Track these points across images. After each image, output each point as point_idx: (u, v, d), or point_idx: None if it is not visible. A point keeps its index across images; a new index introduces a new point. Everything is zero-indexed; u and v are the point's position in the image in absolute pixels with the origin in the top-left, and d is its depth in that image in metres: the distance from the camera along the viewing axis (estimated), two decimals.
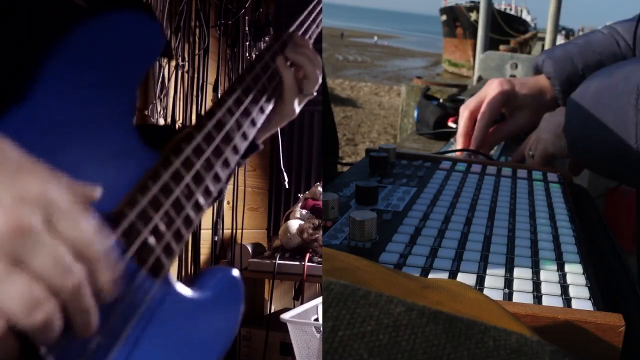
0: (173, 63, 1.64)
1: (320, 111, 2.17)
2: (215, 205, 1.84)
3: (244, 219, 1.99)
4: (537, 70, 0.91)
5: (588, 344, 0.34)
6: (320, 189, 1.96)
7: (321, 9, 0.68)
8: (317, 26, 0.67)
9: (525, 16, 18.10)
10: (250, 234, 2.09)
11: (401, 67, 16.84)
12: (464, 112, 0.89)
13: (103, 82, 0.40)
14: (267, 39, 1.95)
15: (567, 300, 0.38)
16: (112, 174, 0.38)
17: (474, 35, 12.44)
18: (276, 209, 2.24)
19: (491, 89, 0.87)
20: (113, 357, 0.34)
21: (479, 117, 0.87)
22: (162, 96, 1.57)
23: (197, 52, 1.75)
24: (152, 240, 0.38)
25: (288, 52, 0.59)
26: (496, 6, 14.97)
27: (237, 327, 0.45)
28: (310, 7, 0.66)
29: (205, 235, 1.77)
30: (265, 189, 2.26)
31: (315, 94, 0.63)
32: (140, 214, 0.38)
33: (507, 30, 14.03)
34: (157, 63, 1.55)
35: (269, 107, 0.56)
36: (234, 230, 1.93)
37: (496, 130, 0.88)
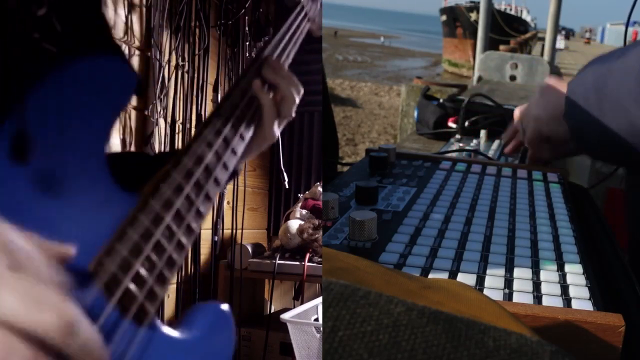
0: (173, 63, 1.65)
1: (320, 111, 2.17)
2: (215, 205, 1.84)
3: (244, 219, 1.99)
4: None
5: (588, 344, 0.34)
6: (320, 189, 1.96)
7: (299, 26, 0.67)
8: (295, 44, 0.66)
9: (525, 16, 18.10)
10: (250, 234, 2.09)
11: (401, 67, 16.83)
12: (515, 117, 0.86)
13: (75, 130, 0.39)
14: (266, 38, 1.95)
15: (567, 300, 0.38)
16: (88, 225, 0.37)
17: (474, 35, 12.42)
18: (276, 209, 2.24)
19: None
20: None
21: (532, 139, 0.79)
22: (162, 96, 1.57)
23: (197, 52, 1.75)
24: (133, 287, 0.37)
25: (265, 74, 0.58)
26: (496, 6, 14.96)
27: None
28: (286, 26, 0.64)
29: (205, 235, 1.77)
30: (265, 189, 2.26)
31: (293, 116, 0.62)
32: (120, 263, 0.36)
33: (507, 30, 14.02)
34: (158, 63, 1.55)
35: (249, 134, 0.55)
36: (234, 230, 1.93)
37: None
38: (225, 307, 0.46)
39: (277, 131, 0.61)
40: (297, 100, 0.61)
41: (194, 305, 0.46)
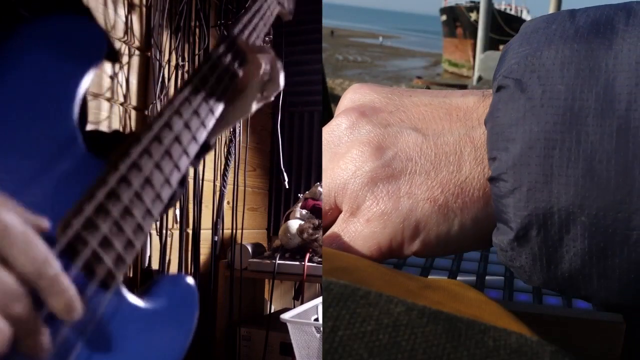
0: (173, 63, 1.65)
1: (320, 111, 2.17)
2: (215, 205, 1.84)
3: (244, 219, 1.99)
4: None
5: (588, 344, 0.34)
6: (320, 189, 1.96)
7: (268, 7, 0.68)
8: (265, 25, 0.67)
9: (525, 16, 18.08)
10: (250, 234, 2.09)
11: (401, 67, 16.83)
12: None
13: (43, 89, 0.38)
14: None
15: (567, 300, 0.38)
16: (56, 187, 0.37)
17: (474, 35, 12.43)
18: (276, 209, 2.24)
19: None
20: None
21: None
22: (162, 96, 1.57)
23: (197, 52, 1.75)
24: (100, 250, 0.36)
25: (256, 54, 0.59)
26: (496, 6, 14.94)
27: (190, 336, 0.44)
28: (256, 6, 0.65)
29: (205, 235, 1.77)
30: (265, 189, 2.25)
31: (272, 99, 0.64)
32: (87, 224, 0.36)
33: (507, 30, 14.02)
34: (158, 63, 1.55)
35: (219, 109, 0.55)
36: (234, 230, 1.93)
37: None
38: (190, 280, 0.46)
39: (255, 107, 0.62)
40: (281, 87, 0.63)
41: (159, 277, 0.46)
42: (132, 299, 0.40)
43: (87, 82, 0.41)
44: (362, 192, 0.31)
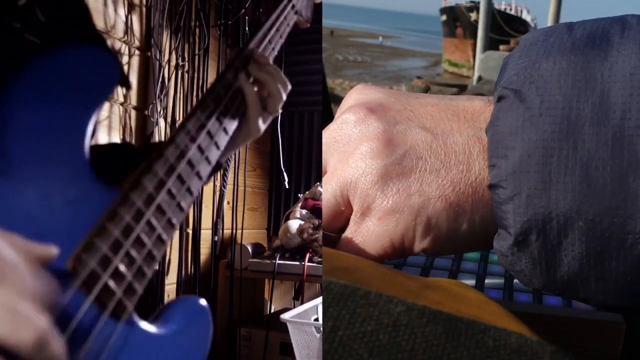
0: (173, 63, 1.64)
1: (320, 111, 2.17)
2: (216, 205, 1.84)
3: (244, 219, 1.99)
4: None
5: (588, 344, 0.34)
6: (320, 189, 1.96)
7: (285, 18, 0.67)
8: (282, 37, 0.65)
9: (525, 16, 18.07)
10: (250, 234, 2.09)
11: (401, 67, 16.84)
12: None
13: (55, 120, 0.39)
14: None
15: (567, 300, 0.38)
16: (67, 219, 0.36)
17: (474, 35, 12.43)
18: (276, 209, 2.24)
19: None
20: None
21: None
22: (162, 96, 1.57)
23: (197, 52, 1.75)
24: (112, 283, 0.36)
25: (251, 70, 0.57)
26: (496, 6, 14.93)
27: (206, 355, 0.44)
28: (273, 18, 0.64)
29: (205, 235, 1.77)
30: (265, 189, 2.25)
31: (280, 112, 0.61)
32: (99, 258, 0.36)
33: (507, 30, 14.02)
34: (158, 63, 1.55)
35: (233, 128, 0.54)
36: (234, 230, 1.93)
37: None
38: (203, 302, 0.45)
39: (262, 126, 0.60)
40: (284, 97, 0.60)
41: (172, 300, 0.46)
42: (145, 326, 0.40)
43: (98, 113, 0.41)
44: (373, 190, 0.31)
